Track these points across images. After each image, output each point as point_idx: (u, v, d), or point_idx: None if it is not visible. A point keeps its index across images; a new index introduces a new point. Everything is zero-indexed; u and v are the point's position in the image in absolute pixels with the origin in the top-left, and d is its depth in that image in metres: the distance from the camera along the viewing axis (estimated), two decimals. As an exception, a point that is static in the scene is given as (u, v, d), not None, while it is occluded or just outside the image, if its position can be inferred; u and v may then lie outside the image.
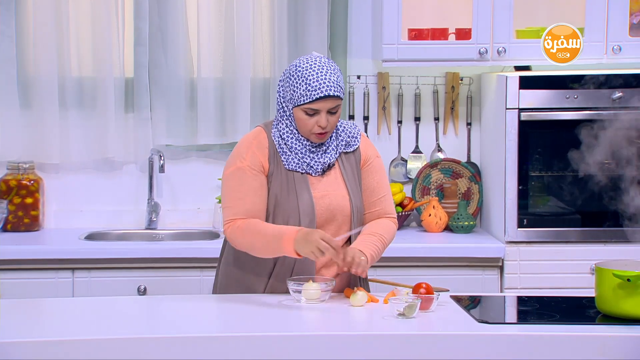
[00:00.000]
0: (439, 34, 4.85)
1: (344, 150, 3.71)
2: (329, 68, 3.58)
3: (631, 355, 3.15)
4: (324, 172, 3.68)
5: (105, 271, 4.52)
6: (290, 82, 3.59)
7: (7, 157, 4.93)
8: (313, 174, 3.66)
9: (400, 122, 5.16)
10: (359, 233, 3.68)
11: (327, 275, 3.66)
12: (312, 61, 3.59)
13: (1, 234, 4.79)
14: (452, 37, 4.87)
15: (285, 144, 3.64)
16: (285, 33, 5.00)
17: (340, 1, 5.04)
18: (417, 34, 4.85)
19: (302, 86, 3.55)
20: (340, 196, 3.67)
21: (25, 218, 4.89)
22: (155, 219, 5.02)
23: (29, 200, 4.89)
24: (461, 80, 5.15)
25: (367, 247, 3.61)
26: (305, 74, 3.56)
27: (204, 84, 5.00)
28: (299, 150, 3.64)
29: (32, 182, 4.90)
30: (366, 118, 5.13)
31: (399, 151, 5.17)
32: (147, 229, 5.02)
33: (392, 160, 5.17)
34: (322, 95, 3.54)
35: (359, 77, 5.13)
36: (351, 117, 5.12)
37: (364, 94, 5.13)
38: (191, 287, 4.52)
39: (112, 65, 4.93)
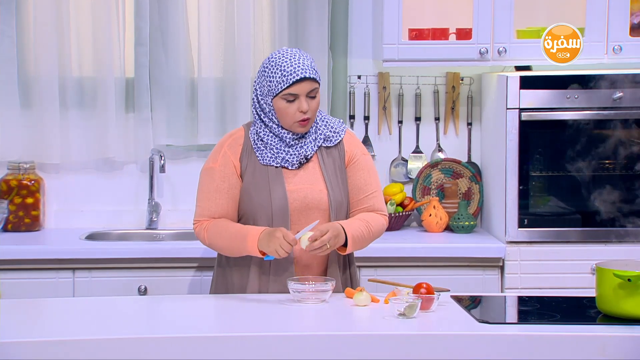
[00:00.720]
0: (440, 34, 4.85)
1: (324, 145, 3.74)
2: (301, 55, 3.67)
3: (631, 355, 3.15)
4: (300, 165, 3.70)
5: (106, 271, 4.52)
6: (266, 75, 3.66)
7: (7, 157, 4.93)
8: (289, 167, 3.69)
9: (400, 122, 5.16)
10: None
11: (307, 274, 3.69)
12: (283, 51, 3.68)
13: (2, 234, 4.79)
14: (452, 37, 4.87)
15: (260, 140, 3.70)
16: (286, 33, 5.00)
17: (340, 1, 5.04)
18: (417, 34, 4.85)
19: (278, 74, 3.61)
20: (317, 190, 3.69)
21: (26, 218, 4.89)
22: (155, 219, 5.02)
23: (29, 200, 4.89)
24: (462, 80, 5.15)
25: (351, 226, 3.65)
26: (279, 62, 3.64)
27: (205, 84, 5.00)
28: (274, 145, 3.69)
29: (32, 182, 4.90)
30: (367, 118, 5.13)
31: (400, 151, 5.17)
32: (147, 229, 5.02)
33: (393, 160, 5.17)
34: (298, 77, 3.60)
35: (359, 77, 5.13)
36: (352, 117, 5.12)
37: (365, 94, 5.13)
38: (191, 287, 4.52)
39: (113, 65, 4.93)
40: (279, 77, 3.62)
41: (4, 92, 4.89)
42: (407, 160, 5.17)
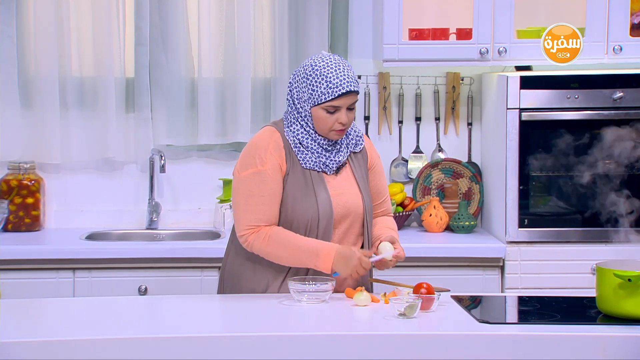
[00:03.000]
0: (440, 34, 4.85)
1: (353, 150, 3.74)
2: (344, 65, 3.62)
3: (632, 355, 3.15)
4: (337, 170, 3.70)
5: (106, 271, 4.52)
6: (308, 82, 3.59)
7: (8, 157, 4.93)
8: (328, 172, 3.68)
9: (401, 122, 5.16)
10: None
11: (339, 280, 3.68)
12: (327, 59, 3.61)
13: (2, 234, 4.79)
14: (452, 37, 4.87)
15: (300, 143, 3.64)
16: (286, 33, 5.00)
17: (340, 1, 5.04)
18: (417, 34, 4.85)
19: (323, 84, 3.56)
20: (354, 195, 3.70)
21: (26, 218, 4.89)
22: (155, 219, 5.02)
23: (29, 200, 4.89)
24: (462, 80, 5.15)
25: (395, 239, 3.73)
26: (325, 72, 3.58)
27: (205, 84, 5.00)
28: (314, 149, 3.65)
29: (33, 182, 4.90)
30: (367, 118, 5.13)
31: (400, 151, 5.17)
32: (147, 229, 5.02)
33: (393, 160, 5.17)
34: (344, 91, 3.56)
35: (359, 77, 5.12)
36: (352, 117, 5.12)
37: (365, 94, 5.13)
38: (192, 287, 4.52)
39: (113, 65, 4.94)
40: (324, 88, 3.57)
41: (4, 92, 4.89)
42: (407, 160, 5.17)
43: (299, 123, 3.66)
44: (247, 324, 3.34)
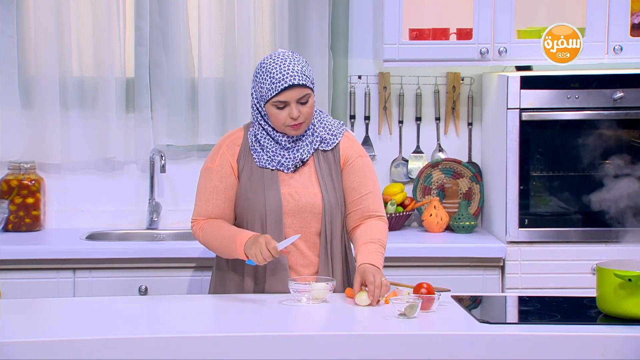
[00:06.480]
0: (440, 34, 4.85)
1: (321, 148, 3.73)
2: (292, 60, 3.64)
3: (632, 356, 3.15)
4: (296, 168, 3.70)
5: (107, 271, 4.52)
6: (257, 80, 3.67)
7: (8, 157, 4.93)
8: (285, 171, 3.69)
9: (401, 122, 5.16)
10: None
11: (305, 274, 3.70)
12: (275, 56, 3.66)
13: (2, 234, 4.79)
14: (453, 37, 4.87)
15: (257, 142, 3.71)
16: (286, 33, 5.00)
17: (341, 1, 5.04)
18: (418, 34, 4.85)
19: (267, 81, 3.61)
20: (311, 193, 3.70)
21: (27, 218, 4.89)
22: (156, 219, 5.02)
23: (30, 200, 4.89)
24: (462, 80, 5.14)
25: (376, 258, 3.62)
26: (269, 68, 3.63)
27: (205, 83, 5.00)
28: (270, 148, 3.70)
29: (33, 182, 4.90)
30: (367, 118, 5.13)
31: (400, 151, 5.17)
32: (148, 229, 5.02)
33: (393, 160, 5.17)
34: (286, 85, 3.59)
35: (360, 77, 5.13)
36: (352, 117, 5.12)
37: (365, 94, 5.13)
38: (192, 287, 4.53)
39: (113, 65, 4.94)
40: (268, 85, 3.61)
41: (4, 92, 4.89)
42: (407, 160, 5.17)
43: (259, 122, 3.72)
44: (247, 324, 3.35)
